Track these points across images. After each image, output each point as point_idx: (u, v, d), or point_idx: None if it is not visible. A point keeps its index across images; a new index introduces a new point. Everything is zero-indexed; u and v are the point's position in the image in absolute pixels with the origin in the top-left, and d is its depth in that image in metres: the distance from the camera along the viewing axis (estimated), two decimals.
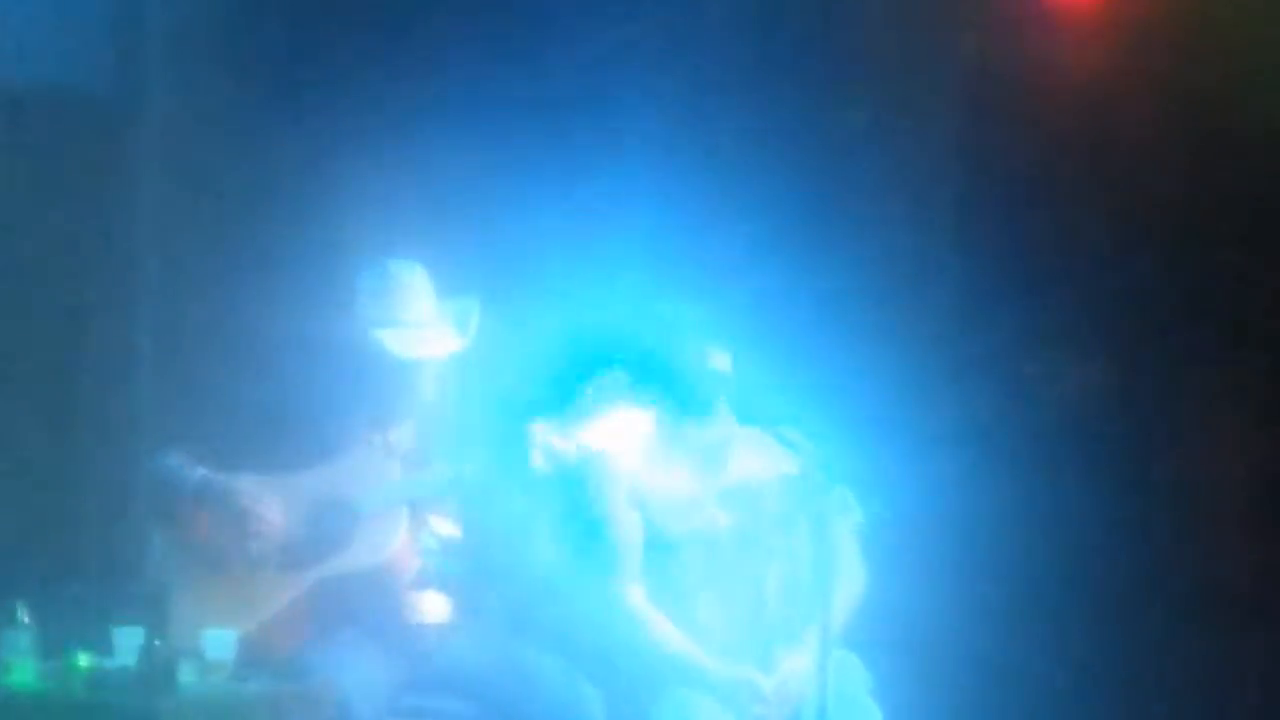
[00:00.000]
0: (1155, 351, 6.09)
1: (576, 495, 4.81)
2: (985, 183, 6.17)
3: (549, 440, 4.64)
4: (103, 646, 4.36)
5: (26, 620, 4.34)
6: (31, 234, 5.82)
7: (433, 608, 4.79)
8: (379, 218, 5.67)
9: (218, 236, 5.82)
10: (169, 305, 5.79)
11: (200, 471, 4.69)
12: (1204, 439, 6.12)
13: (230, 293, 5.77)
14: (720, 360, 4.84)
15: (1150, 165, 6.02)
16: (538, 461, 4.63)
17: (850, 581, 4.88)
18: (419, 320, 4.83)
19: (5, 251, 5.81)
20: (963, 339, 6.15)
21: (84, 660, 4.31)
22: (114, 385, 5.83)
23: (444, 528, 4.81)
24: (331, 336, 4.87)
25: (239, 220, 5.83)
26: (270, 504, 4.68)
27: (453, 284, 4.99)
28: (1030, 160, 6.10)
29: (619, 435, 4.69)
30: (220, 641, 4.38)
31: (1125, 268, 6.05)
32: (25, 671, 4.31)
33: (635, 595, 4.81)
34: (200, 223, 5.83)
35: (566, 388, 4.97)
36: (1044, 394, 6.22)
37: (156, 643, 4.21)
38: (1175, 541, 5.95)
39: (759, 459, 4.86)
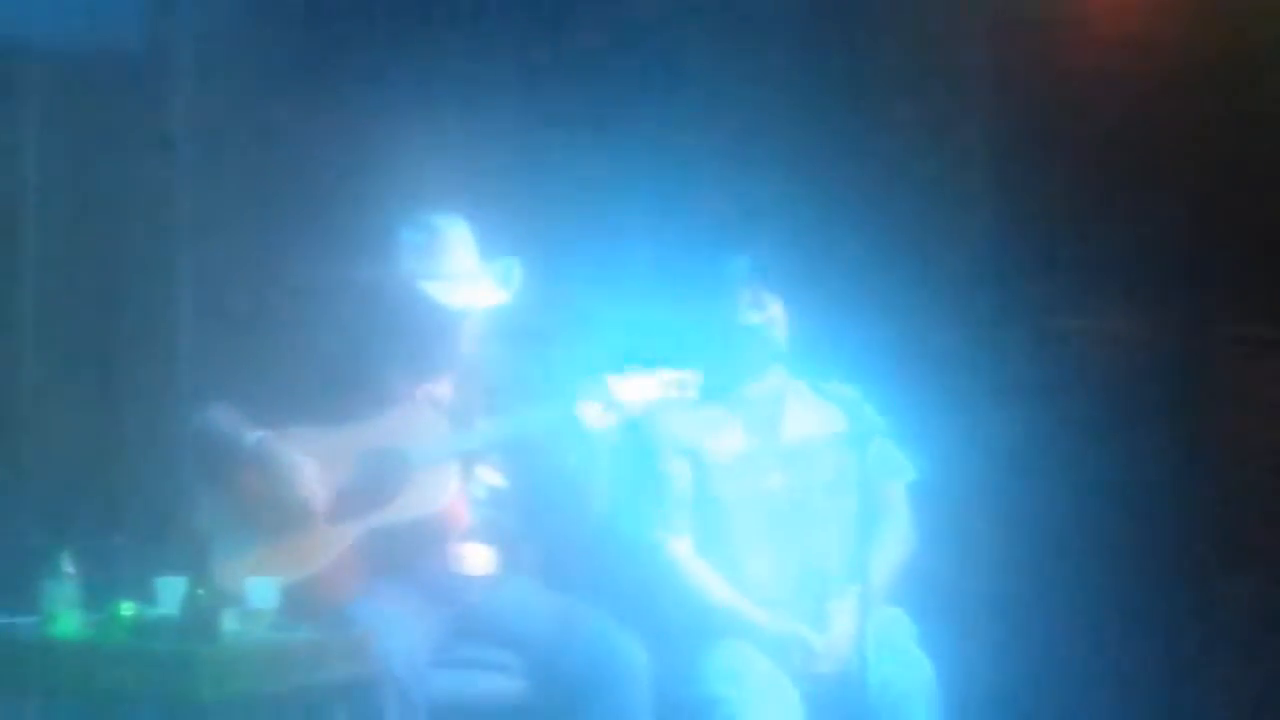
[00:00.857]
0: (1201, 306, 6.07)
1: (627, 448, 4.81)
2: (1023, 139, 6.15)
3: (600, 395, 4.63)
4: (146, 596, 4.36)
5: (71, 571, 4.34)
6: (74, 190, 5.83)
7: (480, 560, 4.78)
8: (423, 171, 5.67)
9: (263, 188, 5.82)
10: (215, 258, 5.79)
11: (251, 428, 4.68)
12: (1238, 396, 6.10)
13: (276, 246, 5.77)
14: (771, 315, 4.82)
15: (1193, 124, 5.99)
16: (588, 416, 4.62)
17: (899, 540, 4.88)
18: (462, 273, 4.81)
19: (50, 208, 5.82)
20: (1002, 295, 6.13)
21: (128, 610, 4.31)
22: (159, 338, 5.83)
23: (494, 479, 4.80)
24: (377, 289, 4.86)
25: (284, 172, 5.82)
26: (321, 457, 4.66)
27: (497, 238, 4.96)
28: (1066, 115, 6.07)
29: (669, 390, 4.68)
30: (263, 590, 4.38)
31: (1167, 221, 6.03)
32: (70, 621, 4.31)
33: (682, 547, 4.82)
34: (245, 176, 5.83)
35: (616, 342, 4.97)
36: (1087, 350, 6.19)
37: (199, 592, 4.20)
38: (1212, 497, 5.94)
39: (811, 415, 4.86)
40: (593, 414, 4.65)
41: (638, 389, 4.68)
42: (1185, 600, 5.89)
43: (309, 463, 4.65)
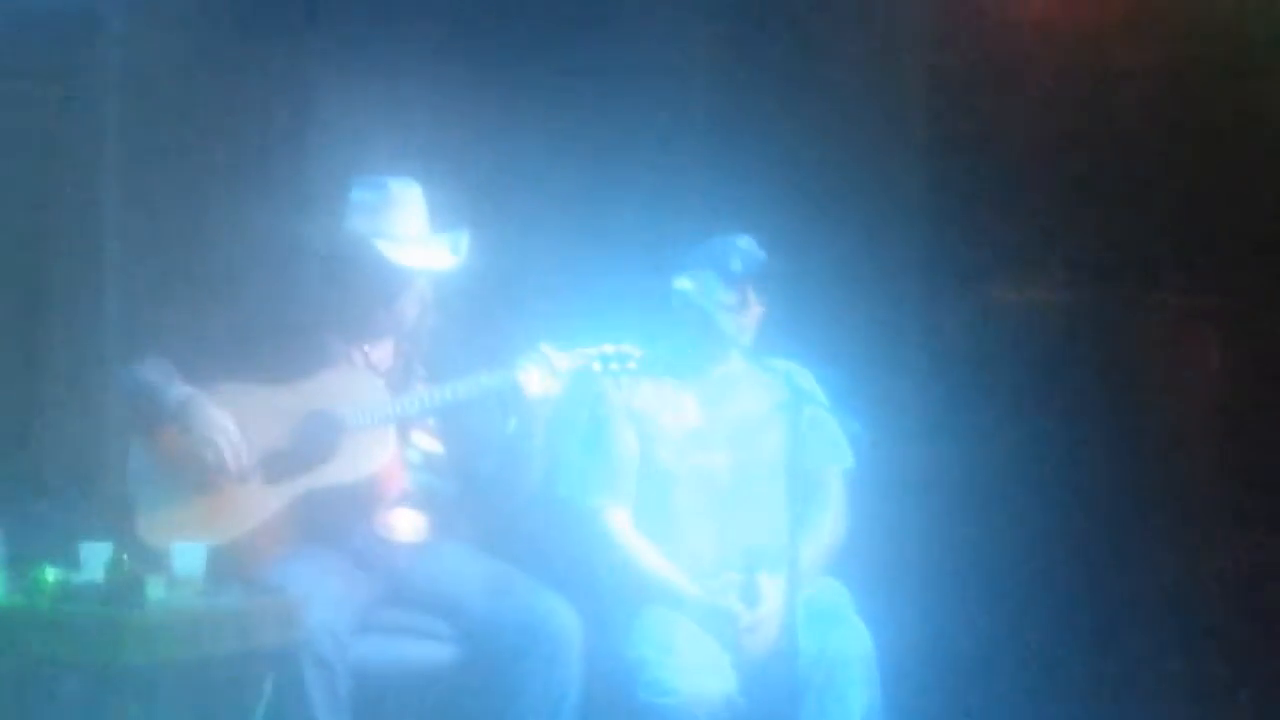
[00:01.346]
0: (1130, 275, 6.09)
1: (577, 413, 4.80)
2: (961, 108, 6.15)
3: (541, 364, 4.60)
4: (70, 561, 4.29)
5: None
6: (2, 142, 5.76)
7: (413, 525, 4.74)
8: (375, 132, 5.62)
9: (202, 144, 5.75)
10: (147, 212, 5.72)
11: (178, 384, 4.61)
12: (1179, 364, 6.12)
13: (211, 200, 5.71)
14: (750, 309, 4.82)
15: (1128, 85, 6.00)
16: (528, 384, 4.58)
17: (832, 524, 4.93)
18: (412, 235, 4.75)
19: None
20: (940, 264, 6.13)
21: (51, 575, 4.24)
22: (85, 298, 5.76)
23: (430, 444, 4.75)
24: (318, 247, 4.81)
25: (224, 128, 5.76)
26: (253, 416, 4.61)
27: (449, 205, 4.90)
28: (1004, 80, 6.07)
29: (609, 364, 4.65)
30: (189, 556, 4.32)
31: (1100, 190, 6.04)
32: None
33: (621, 516, 4.82)
34: (185, 130, 5.76)
35: (561, 314, 4.95)
36: (1024, 320, 6.20)
37: (124, 557, 4.15)
38: (1153, 462, 5.96)
39: (759, 394, 4.86)
40: (532, 382, 4.60)
41: (578, 361, 4.64)
42: (1123, 567, 5.92)
43: (231, 427, 4.58)
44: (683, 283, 4.81)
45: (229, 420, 4.59)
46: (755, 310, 4.87)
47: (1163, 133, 5.98)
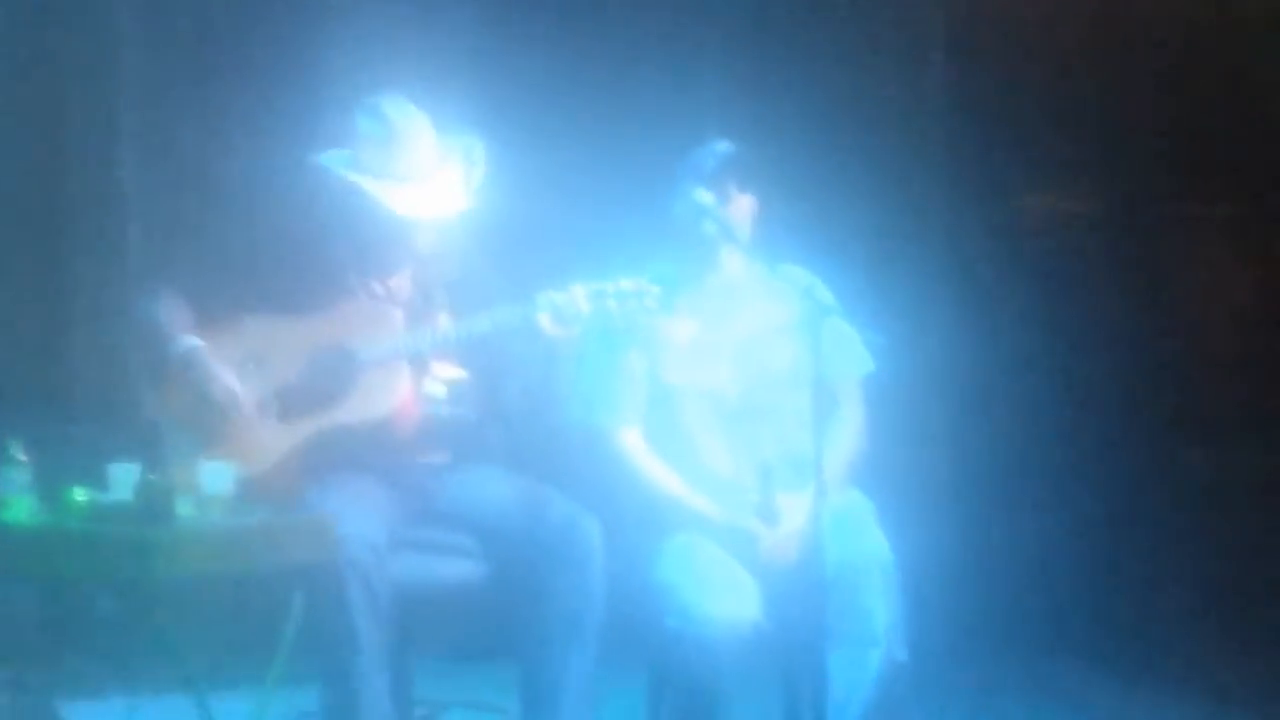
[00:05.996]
0: (1147, 188, 6.08)
1: (584, 340, 4.77)
2: (980, 22, 6.14)
3: (562, 302, 4.55)
4: (99, 482, 4.32)
5: (22, 458, 4.31)
6: (17, 73, 5.77)
7: (437, 449, 4.73)
8: (382, 56, 5.61)
9: (213, 71, 5.76)
10: (162, 144, 5.73)
11: (184, 332, 4.58)
12: (1203, 275, 6.12)
13: (225, 130, 5.72)
14: (733, 205, 4.78)
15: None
16: (548, 323, 4.56)
17: (853, 434, 4.85)
18: (420, 173, 4.63)
19: None
20: (957, 178, 6.13)
21: (80, 495, 4.28)
22: (108, 222, 5.79)
23: (452, 373, 4.72)
24: (330, 180, 4.69)
25: (235, 54, 5.76)
26: (268, 350, 4.59)
27: (457, 132, 4.81)
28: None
29: (628, 302, 4.61)
30: (218, 475, 4.34)
31: (1122, 101, 6.03)
32: (22, 507, 4.28)
33: (632, 437, 4.79)
34: (195, 58, 5.77)
35: (578, 245, 4.92)
36: (1041, 231, 6.20)
37: (152, 477, 4.17)
38: (1175, 372, 5.97)
39: (768, 307, 4.82)
40: (551, 322, 4.56)
41: (595, 301, 4.59)
42: (1143, 475, 5.92)
43: (233, 383, 4.56)
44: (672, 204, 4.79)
45: (231, 376, 4.56)
46: (743, 202, 4.78)
47: (1187, 42, 5.96)
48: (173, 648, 4.31)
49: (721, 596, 4.52)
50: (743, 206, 4.78)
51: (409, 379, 4.64)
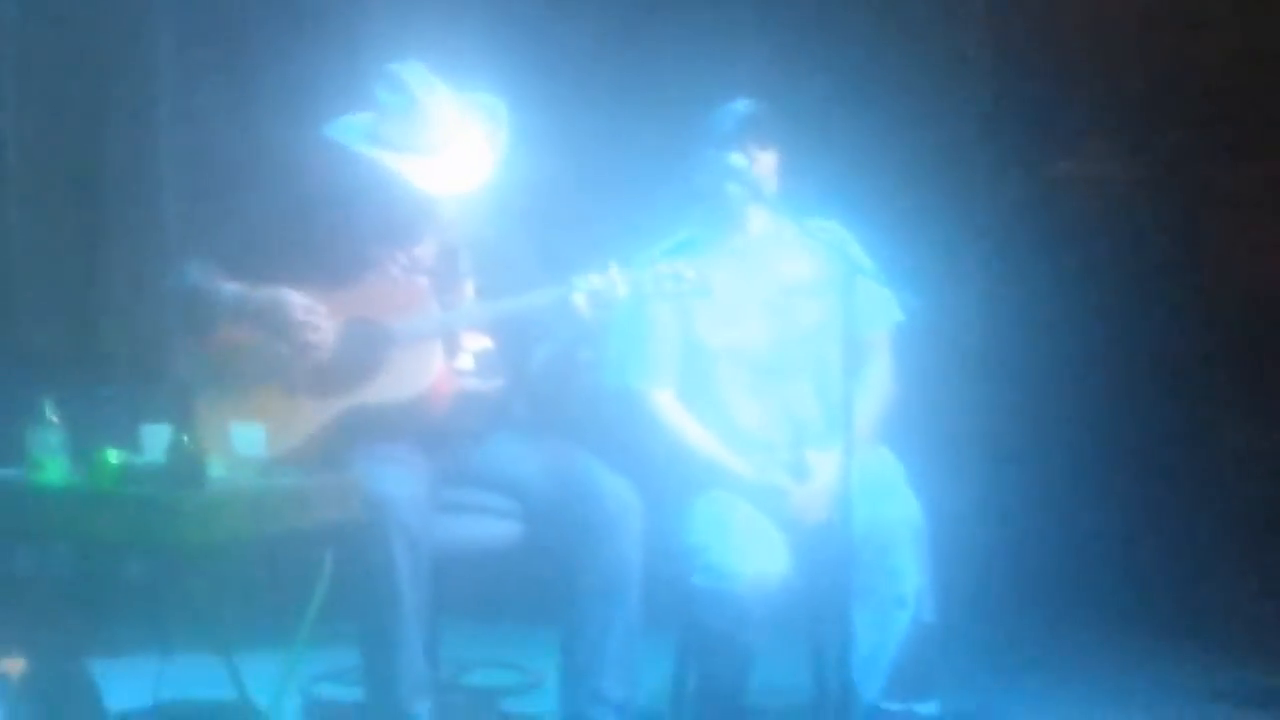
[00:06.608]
0: (1187, 149, 6.05)
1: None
2: None
3: (598, 283, 4.53)
4: (132, 444, 4.34)
5: (55, 420, 4.33)
6: (57, 45, 5.79)
7: (468, 419, 4.71)
8: (405, 18, 5.61)
9: (245, 44, 5.77)
10: (194, 114, 5.75)
11: (231, 286, 4.57)
12: (1235, 237, 6.09)
13: (257, 97, 5.73)
14: (758, 162, 4.77)
15: None
16: (580, 299, 4.52)
17: (880, 387, 4.85)
18: (441, 144, 4.60)
19: (32, 62, 5.78)
20: (995, 136, 6.11)
21: (114, 457, 4.29)
22: (144, 192, 5.81)
23: (476, 343, 4.71)
24: (352, 156, 4.63)
25: (263, 30, 5.78)
26: (306, 315, 4.56)
27: (480, 98, 4.78)
28: None
29: (663, 284, 4.57)
30: (250, 437, 4.36)
31: (1164, 62, 6.00)
32: (56, 469, 4.30)
33: (665, 398, 4.80)
34: (223, 34, 5.78)
35: (599, 204, 4.90)
36: (1082, 194, 6.18)
37: (184, 439, 4.18)
38: (1217, 332, 5.94)
39: (798, 263, 4.82)
40: (586, 303, 4.52)
41: (634, 283, 4.55)
42: (1178, 438, 5.91)
43: (302, 299, 4.55)
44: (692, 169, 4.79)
45: (298, 295, 4.56)
46: (766, 158, 4.78)
47: (1227, 11, 5.94)
48: (203, 609, 4.33)
49: (750, 553, 4.54)
50: (765, 163, 4.78)
51: (442, 355, 4.63)
